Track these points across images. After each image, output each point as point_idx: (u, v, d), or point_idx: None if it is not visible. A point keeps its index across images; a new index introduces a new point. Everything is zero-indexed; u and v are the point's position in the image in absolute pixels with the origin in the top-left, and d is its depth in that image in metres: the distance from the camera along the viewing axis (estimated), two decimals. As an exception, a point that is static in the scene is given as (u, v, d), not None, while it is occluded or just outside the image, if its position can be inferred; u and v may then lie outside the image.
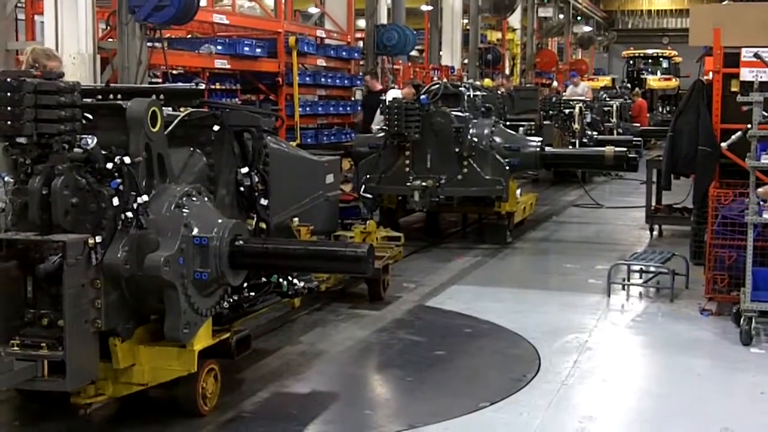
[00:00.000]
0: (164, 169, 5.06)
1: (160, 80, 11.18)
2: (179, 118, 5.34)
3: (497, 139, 10.76)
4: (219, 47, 12.13)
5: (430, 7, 23.28)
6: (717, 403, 5.77)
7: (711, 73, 8.30)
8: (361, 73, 16.10)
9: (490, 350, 6.90)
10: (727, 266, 7.51)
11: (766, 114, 7.00)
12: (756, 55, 7.39)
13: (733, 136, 7.25)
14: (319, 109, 14.55)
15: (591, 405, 5.71)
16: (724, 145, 7.40)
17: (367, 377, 6.57)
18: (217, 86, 13.03)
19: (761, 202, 6.81)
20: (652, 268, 8.68)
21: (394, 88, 15.23)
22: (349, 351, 6.75)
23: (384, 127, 10.66)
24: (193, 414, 5.21)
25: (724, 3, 9.71)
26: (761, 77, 7.36)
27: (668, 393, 5.95)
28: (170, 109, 5.46)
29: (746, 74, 7.48)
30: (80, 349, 4.52)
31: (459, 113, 10.76)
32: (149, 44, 10.12)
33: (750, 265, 6.80)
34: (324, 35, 15.36)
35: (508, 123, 12.20)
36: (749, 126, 6.94)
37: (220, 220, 5.15)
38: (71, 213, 4.60)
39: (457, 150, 10.46)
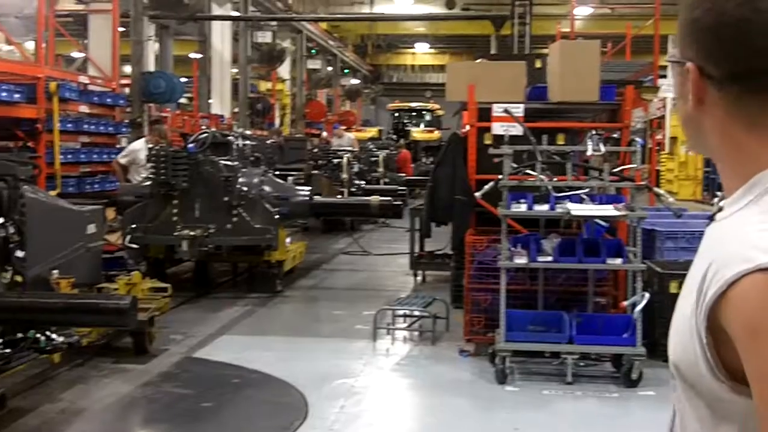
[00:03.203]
0: None
1: None
2: (-75, 166, 5.07)
3: (267, 189, 10.85)
4: (-27, 92, 11.53)
5: (199, 55, 23.20)
6: (475, 440, 6.04)
7: (467, 127, 8.75)
8: (126, 121, 15.77)
9: (258, 400, 6.90)
10: (484, 309, 7.90)
11: (515, 165, 7.46)
12: (506, 111, 7.88)
13: (486, 186, 7.66)
14: (82, 156, 14.11)
15: (357, 449, 5.83)
16: (478, 194, 7.80)
17: (131, 433, 6.40)
18: (-29, 133, 12.37)
19: (512, 248, 7.24)
20: (415, 313, 8.98)
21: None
22: (112, 407, 6.55)
23: (151, 176, 10.52)
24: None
25: (477, 61, 10.28)
26: (511, 131, 7.84)
27: (430, 433, 6.18)
28: None
29: (497, 128, 7.93)
30: None
31: (228, 162, 10.78)
32: None
33: (503, 307, 7.16)
34: (87, 81, 14.94)
35: (277, 172, 12.30)
36: (500, 177, 7.37)
37: (-30, 274, 4.90)
38: None
39: (226, 199, 10.45)
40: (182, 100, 21.87)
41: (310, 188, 11.79)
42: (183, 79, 18.88)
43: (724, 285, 1.21)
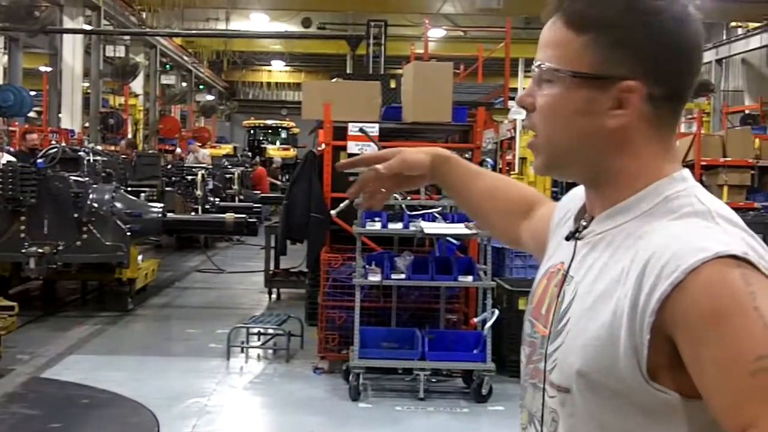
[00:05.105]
0: None
1: None
2: None
3: (118, 205, 10.63)
4: None
5: (49, 69, 22.52)
6: (329, 456, 6.09)
7: (323, 145, 8.82)
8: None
9: (108, 420, 6.77)
10: (338, 326, 7.98)
11: (370, 184, 7.57)
12: (361, 130, 8.00)
13: (342, 204, 7.70)
14: (-77, 171, 13.53)
15: (210, 467, 5.80)
16: (333, 212, 7.85)
17: (-27, 457, 6.18)
18: None
19: (366, 266, 7.35)
20: (270, 330, 8.97)
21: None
22: (-47, 430, 6.32)
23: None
24: None
25: (333, 80, 10.39)
26: (366, 150, 7.97)
27: (284, 450, 6.20)
28: None
29: (352, 147, 8.05)
30: None
31: (78, 178, 10.52)
32: None
33: (357, 324, 7.25)
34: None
35: (129, 189, 12.08)
36: (356, 195, 7.46)
37: None
38: None
39: (76, 215, 10.19)
40: (31, 114, 21.15)
41: (163, 205, 11.63)
42: (32, 93, 18.29)
43: (682, 275, 1.21)
